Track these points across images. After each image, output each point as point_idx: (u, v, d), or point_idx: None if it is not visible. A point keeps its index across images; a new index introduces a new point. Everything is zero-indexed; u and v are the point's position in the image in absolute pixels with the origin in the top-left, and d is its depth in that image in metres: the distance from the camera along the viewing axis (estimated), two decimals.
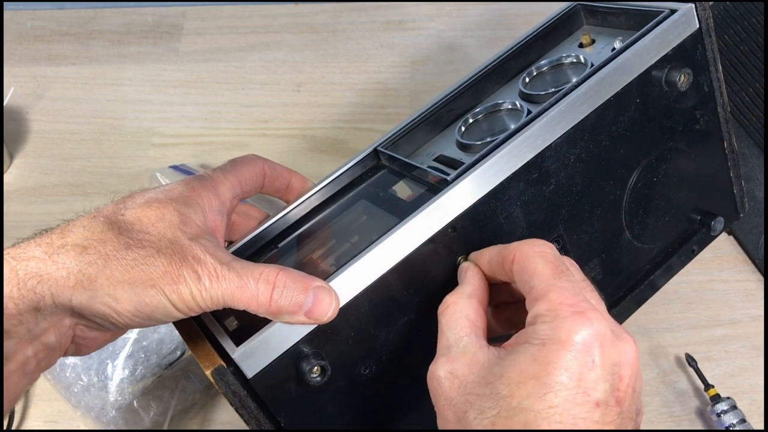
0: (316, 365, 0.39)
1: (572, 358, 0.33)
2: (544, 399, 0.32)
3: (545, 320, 0.34)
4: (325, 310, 0.38)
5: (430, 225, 0.41)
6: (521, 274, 0.38)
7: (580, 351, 0.33)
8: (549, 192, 0.45)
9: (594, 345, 0.33)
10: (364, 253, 0.40)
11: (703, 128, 0.51)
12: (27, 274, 0.36)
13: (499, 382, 0.34)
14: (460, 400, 0.35)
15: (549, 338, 0.34)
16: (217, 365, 0.38)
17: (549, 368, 0.33)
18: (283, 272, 0.38)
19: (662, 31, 0.46)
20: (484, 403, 0.34)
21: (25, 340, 0.36)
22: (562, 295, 0.35)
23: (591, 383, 0.33)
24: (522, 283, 0.38)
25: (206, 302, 0.37)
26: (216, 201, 0.42)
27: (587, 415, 0.33)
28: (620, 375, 0.34)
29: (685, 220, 0.54)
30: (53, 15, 0.96)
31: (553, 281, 0.36)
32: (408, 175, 0.47)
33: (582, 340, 0.33)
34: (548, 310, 0.35)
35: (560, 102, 0.44)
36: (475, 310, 0.39)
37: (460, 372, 0.36)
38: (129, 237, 0.37)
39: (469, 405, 0.34)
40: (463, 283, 0.41)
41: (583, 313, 0.34)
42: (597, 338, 0.33)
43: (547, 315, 0.34)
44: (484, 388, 0.34)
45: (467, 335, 0.38)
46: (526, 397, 0.33)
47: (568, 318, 0.34)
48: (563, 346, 0.33)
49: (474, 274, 0.41)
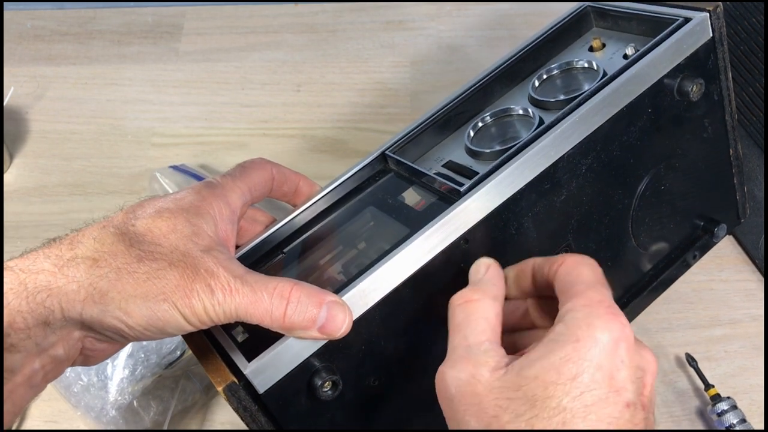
0: (328, 380, 0.39)
1: (603, 356, 0.33)
2: (580, 398, 0.32)
3: (579, 315, 0.34)
4: (339, 325, 0.37)
5: (443, 237, 0.41)
6: (566, 275, 0.37)
7: (610, 350, 0.33)
8: (560, 202, 0.45)
9: (621, 345, 0.34)
10: (377, 267, 0.39)
11: (711, 136, 0.51)
12: (36, 287, 0.35)
13: (533, 384, 0.33)
14: (487, 405, 0.34)
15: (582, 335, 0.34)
16: (229, 382, 0.38)
17: (583, 366, 0.33)
18: (297, 287, 0.37)
19: (676, 40, 0.46)
20: (519, 407, 0.33)
21: (33, 353, 0.36)
22: (601, 296, 0.35)
23: (621, 382, 0.33)
24: (563, 283, 0.37)
25: (219, 316, 0.36)
26: (227, 210, 0.41)
27: (619, 414, 0.33)
28: (644, 381, 0.34)
29: (688, 227, 0.54)
30: (53, 15, 0.96)
31: (596, 284, 0.36)
32: (417, 181, 0.47)
33: (611, 338, 0.33)
34: (584, 305, 0.35)
35: (574, 112, 0.44)
36: (497, 315, 0.38)
37: (483, 377, 0.35)
38: (140, 249, 0.37)
39: (501, 409, 0.34)
40: (486, 283, 0.40)
41: (617, 315, 0.34)
42: (625, 339, 0.34)
43: (582, 309, 0.35)
44: (515, 391, 0.34)
45: (488, 340, 0.37)
46: (563, 397, 0.32)
47: (602, 316, 0.34)
48: (595, 343, 0.33)
49: (499, 276, 0.40)
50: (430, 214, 0.42)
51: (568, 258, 0.38)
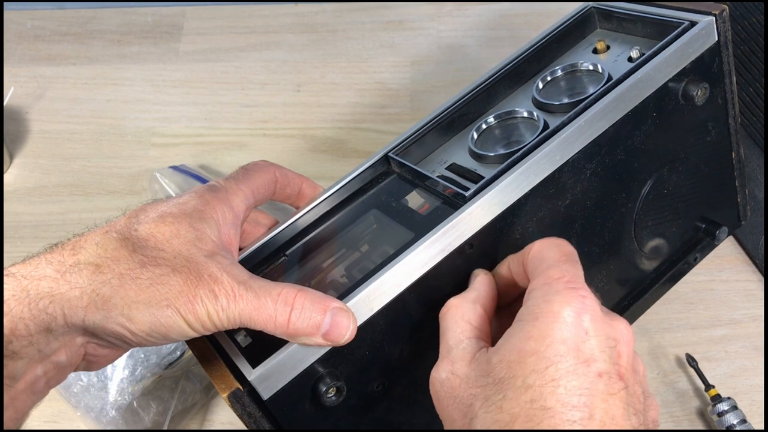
0: (333, 386, 0.39)
1: (566, 329, 0.33)
2: (545, 373, 0.32)
3: (538, 294, 0.34)
4: (343, 332, 0.37)
5: (448, 243, 0.41)
6: (533, 260, 0.38)
7: (572, 322, 0.33)
8: (564, 206, 0.45)
9: (584, 317, 0.33)
10: (382, 272, 0.39)
11: (714, 139, 0.51)
12: (38, 294, 0.35)
13: (499, 367, 0.34)
14: (463, 395, 0.35)
15: (541, 311, 0.34)
16: (233, 388, 0.38)
17: (545, 342, 0.33)
18: (301, 293, 0.37)
19: (682, 44, 0.45)
20: (488, 391, 0.34)
21: (35, 360, 0.35)
22: (560, 273, 0.35)
23: (588, 353, 0.33)
24: (531, 267, 0.37)
25: (222, 322, 0.36)
26: (230, 214, 0.41)
27: (590, 385, 0.32)
28: (618, 351, 0.34)
29: (690, 229, 0.54)
30: (53, 15, 0.96)
31: (557, 263, 0.36)
32: (421, 184, 0.47)
33: (572, 311, 0.33)
34: (543, 283, 0.35)
35: (580, 116, 0.43)
36: (479, 315, 0.39)
37: (461, 371, 0.36)
38: (143, 254, 0.37)
39: (473, 398, 0.34)
40: (468, 290, 0.41)
41: (576, 289, 0.34)
42: (587, 311, 0.34)
43: (541, 288, 0.35)
44: (485, 378, 0.34)
45: (468, 338, 0.37)
46: (528, 374, 0.32)
47: (560, 291, 0.34)
48: (555, 318, 0.33)
49: (482, 281, 0.41)
50: (434, 219, 0.42)
51: (535, 244, 0.39)
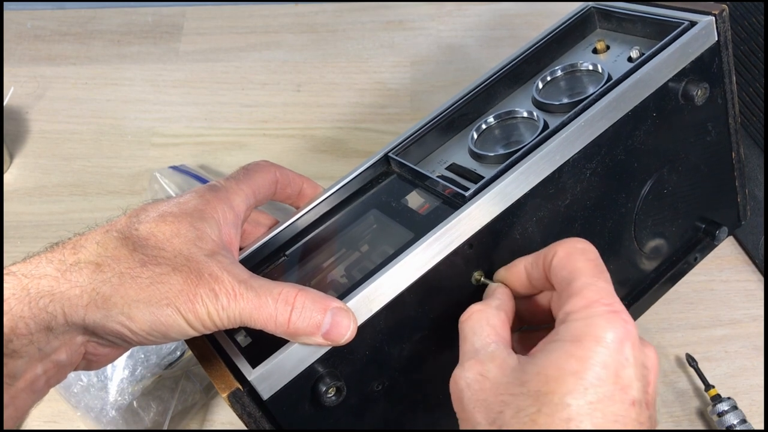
0: (332, 386, 0.39)
1: (608, 354, 0.33)
2: (584, 395, 0.32)
3: (579, 317, 0.34)
4: (343, 332, 0.37)
5: (448, 243, 0.41)
6: (560, 270, 0.37)
7: (615, 348, 0.33)
8: (564, 206, 0.45)
9: (626, 343, 0.33)
10: (382, 272, 0.39)
11: (714, 139, 0.51)
12: (39, 292, 0.35)
13: (536, 379, 0.33)
14: (493, 401, 0.34)
15: (584, 334, 0.33)
16: (233, 388, 0.38)
17: (587, 364, 0.32)
18: (302, 292, 0.37)
19: (682, 44, 0.45)
20: (521, 402, 0.33)
21: (35, 358, 0.35)
22: (599, 294, 0.35)
23: (627, 380, 0.33)
24: (559, 279, 0.37)
25: (223, 321, 0.36)
26: (230, 213, 0.41)
27: (625, 413, 0.32)
28: (648, 379, 0.34)
29: (690, 229, 0.54)
30: (53, 15, 0.96)
31: (592, 279, 0.36)
32: (420, 184, 0.47)
33: (616, 337, 0.33)
34: (583, 307, 0.34)
35: (580, 116, 0.43)
36: (502, 321, 0.38)
37: (491, 374, 0.35)
38: (143, 253, 0.37)
39: (505, 405, 0.34)
40: (489, 297, 0.41)
41: (618, 313, 0.34)
42: (629, 338, 0.33)
43: (582, 311, 0.34)
44: (520, 387, 0.34)
45: (494, 342, 0.37)
46: (566, 393, 0.32)
47: (602, 315, 0.34)
48: (598, 342, 0.33)
49: (503, 292, 0.41)
50: (434, 219, 0.42)
51: (559, 249, 0.38)
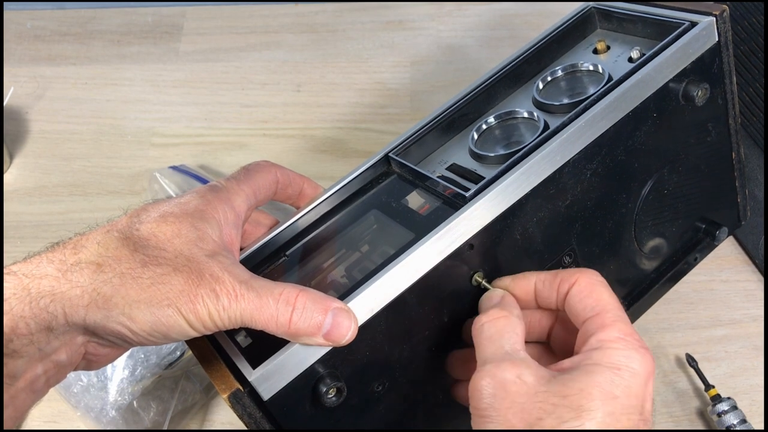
0: (333, 386, 0.39)
1: (640, 389, 0.36)
2: (619, 418, 0.35)
3: (617, 347, 0.37)
4: (344, 333, 0.37)
5: (449, 243, 0.41)
6: (584, 298, 0.39)
7: (644, 382, 0.36)
8: (565, 207, 0.45)
9: (651, 379, 0.37)
10: (383, 273, 0.39)
11: (714, 140, 0.51)
12: (40, 292, 0.35)
13: (579, 395, 0.35)
14: (531, 406, 0.35)
15: (622, 364, 0.36)
16: (234, 389, 0.38)
17: (627, 392, 0.35)
18: (303, 293, 0.37)
19: (683, 45, 0.45)
20: (565, 414, 0.34)
21: (36, 359, 0.35)
22: (630, 329, 0.38)
23: (647, 413, 0.36)
24: (582, 306, 0.39)
25: (224, 322, 0.36)
26: (231, 214, 0.41)
27: None
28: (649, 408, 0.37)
29: (690, 229, 0.54)
30: (53, 15, 0.96)
31: (621, 314, 0.39)
32: (421, 185, 0.47)
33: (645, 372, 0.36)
34: (619, 338, 0.37)
35: (580, 117, 0.43)
36: (522, 332, 0.39)
37: (528, 379, 0.36)
38: (144, 254, 0.37)
39: (545, 413, 0.35)
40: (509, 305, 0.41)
41: (647, 350, 0.37)
42: (653, 374, 0.37)
43: (618, 342, 0.37)
44: (561, 399, 0.35)
45: (522, 350, 0.38)
46: (608, 414, 0.35)
47: (638, 350, 0.37)
48: (634, 376, 0.36)
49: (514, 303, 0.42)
50: (435, 219, 0.42)
51: (580, 277, 0.40)
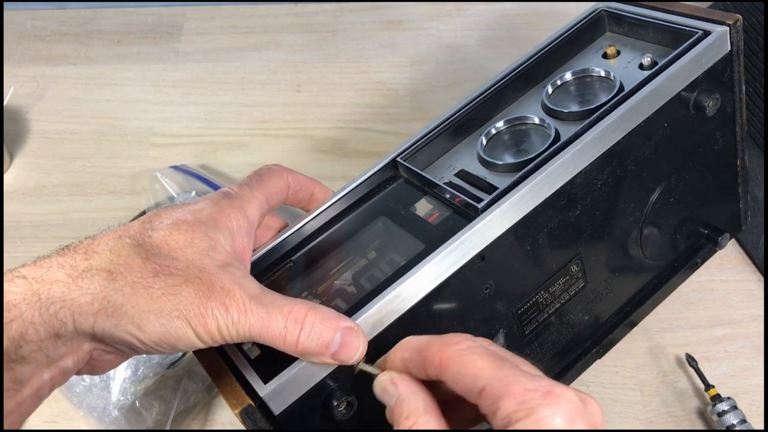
0: (344, 400, 0.39)
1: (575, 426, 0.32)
2: None
3: (522, 416, 0.32)
4: (352, 353, 0.37)
5: (461, 255, 0.40)
6: (461, 378, 0.34)
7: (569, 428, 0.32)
8: (574, 217, 0.45)
9: (576, 418, 0.32)
10: (394, 286, 0.39)
11: (721, 148, 0.51)
12: (50, 298, 0.35)
13: None
14: None
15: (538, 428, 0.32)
16: (245, 405, 0.38)
17: None
18: (312, 311, 0.37)
19: (696, 54, 0.45)
20: None
21: (43, 365, 0.35)
22: (521, 384, 0.33)
23: None
24: (462, 385, 0.34)
25: (232, 336, 0.36)
26: (245, 222, 0.41)
27: None
28: None
29: (692, 235, 0.54)
30: (53, 15, 0.96)
31: (503, 373, 0.33)
32: (429, 191, 0.46)
33: (565, 417, 0.32)
34: (519, 405, 0.32)
35: (594, 127, 0.43)
36: (438, 423, 0.35)
37: None
38: (156, 262, 0.37)
39: None
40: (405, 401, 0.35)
41: (551, 392, 0.32)
42: (576, 411, 0.32)
43: (520, 411, 0.32)
44: None
45: None
46: None
47: (542, 404, 0.32)
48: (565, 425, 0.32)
49: (409, 385, 0.36)
50: (446, 230, 0.42)
51: (442, 356, 0.34)
